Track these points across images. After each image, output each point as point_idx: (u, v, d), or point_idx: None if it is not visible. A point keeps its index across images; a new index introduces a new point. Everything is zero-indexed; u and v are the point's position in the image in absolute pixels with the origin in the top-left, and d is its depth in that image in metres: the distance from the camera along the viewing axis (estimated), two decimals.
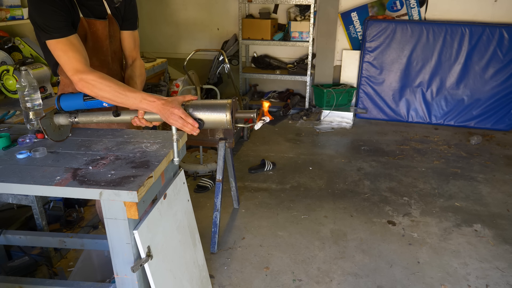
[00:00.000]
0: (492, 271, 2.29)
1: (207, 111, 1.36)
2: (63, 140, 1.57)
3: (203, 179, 3.24)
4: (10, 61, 2.62)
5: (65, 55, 1.47)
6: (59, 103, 1.50)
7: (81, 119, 1.53)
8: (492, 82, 4.45)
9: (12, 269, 2.03)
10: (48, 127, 1.49)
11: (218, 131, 2.51)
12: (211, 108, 1.36)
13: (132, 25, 1.79)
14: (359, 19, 4.81)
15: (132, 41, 1.81)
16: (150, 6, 5.36)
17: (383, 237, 2.59)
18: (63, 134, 1.58)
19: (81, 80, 1.44)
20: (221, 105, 1.36)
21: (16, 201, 2.19)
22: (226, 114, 1.34)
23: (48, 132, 1.49)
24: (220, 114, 1.35)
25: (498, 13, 4.51)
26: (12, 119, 2.36)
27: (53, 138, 1.51)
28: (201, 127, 1.36)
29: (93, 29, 1.64)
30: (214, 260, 2.36)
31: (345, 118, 4.67)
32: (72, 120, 1.52)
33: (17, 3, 3.02)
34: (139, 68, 1.81)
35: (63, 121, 1.53)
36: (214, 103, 1.37)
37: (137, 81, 1.75)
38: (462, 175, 3.43)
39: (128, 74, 1.78)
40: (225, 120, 1.35)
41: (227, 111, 1.34)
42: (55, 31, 1.46)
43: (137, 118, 1.45)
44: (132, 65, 1.82)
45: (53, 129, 1.52)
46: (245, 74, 5.06)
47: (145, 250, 1.30)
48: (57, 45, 1.47)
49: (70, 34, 1.48)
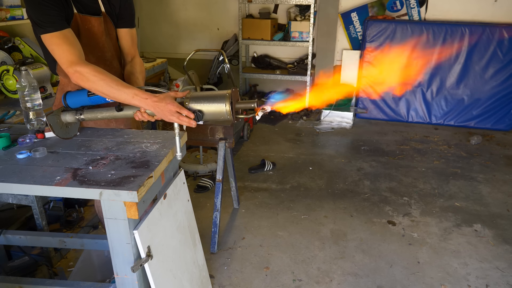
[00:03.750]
0: (492, 271, 2.29)
1: (207, 102, 1.35)
2: (71, 138, 1.58)
3: (203, 179, 3.24)
4: (10, 61, 2.62)
5: (59, 49, 1.47)
6: (65, 101, 1.53)
7: (87, 115, 1.54)
8: (492, 82, 4.44)
9: (12, 269, 2.03)
10: (54, 124, 1.50)
11: (218, 131, 2.51)
12: (211, 99, 1.35)
13: (129, 23, 1.80)
14: (359, 19, 4.81)
15: (130, 39, 1.81)
16: (150, 6, 5.36)
17: (383, 237, 2.59)
18: (71, 132, 1.59)
19: (76, 72, 1.45)
20: (220, 96, 1.34)
21: (16, 201, 2.18)
22: (226, 104, 1.33)
23: (55, 128, 1.50)
24: (220, 104, 1.33)
25: (498, 13, 4.51)
26: (12, 119, 2.36)
27: (59, 135, 1.53)
28: (200, 118, 1.35)
29: (88, 26, 1.64)
30: (214, 260, 2.36)
31: (345, 118, 4.67)
32: (78, 117, 1.54)
33: (17, 3, 3.02)
34: (139, 65, 1.82)
35: (69, 118, 1.54)
36: (214, 94, 1.36)
37: (139, 77, 1.76)
38: (462, 175, 3.43)
39: (129, 71, 1.79)
40: (225, 110, 1.33)
41: (227, 101, 1.33)
42: (48, 25, 1.47)
43: (139, 112, 1.45)
44: (132, 62, 1.82)
45: (59, 126, 1.53)
46: (245, 74, 5.06)
47: (145, 250, 1.30)
48: (51, 39, 1.48)
49: (64, 28, 1.49)
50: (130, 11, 1.80)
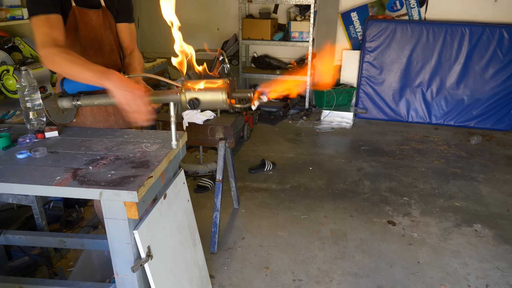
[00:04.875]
0: (492, 271, 2.29)
1: (203, 90, 1.35)
2: (67, 124, 1.57)
3: (203, 179, 3.24)
4: (10, 61, 2.63)
5: (39, 31, 1.47)
6: (63, 86, 1.51)
7: (83, 101, 1.53)
8: (492, 82, 4.45)
9: (12, 269, 2.03)
10: (51, 109, 1.50)
11: (218, 131, 2.51)
12: (207, 87, 1.35)
13: (127, 17, 1.82)
14: (359, 19, 4.81)
15: (129, 34, 1.83)
16: (150, 6, 5.36)
17: (383, 237, 2.59)
18: (67, 118, 1.59)
19: (46, 54, 1.44)
20: (218, 87, 1.34)
21: (16, 201, 2.18)
22: (222, 93, 1.33)
23: (51, 114, 1.50)
24: (216, 93, 1.34)
25: (498, 13, 4.51)
26: (12, 119, 2.36)
27: (56, 120, 1.53)
28: (196, 106, 1.35)
29: (86, 19, 1.66)
30: (214, 260, 2.36)
31: (345, 118, 4.67)
32: (75, 103, 1.53)
33: (17, 3, 3.02)
34: (138, 57, 1.83)
35: (66, 104, 1.53)
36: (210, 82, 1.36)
37: (137, 67, 1.77)
38: (462, 175, 3.43)
39: (127, 62, 1.81)
40: (222, 99, 1.34)
41: (224, 90, 1.33)
42: (37, 8, 1.47)
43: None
44: (130, 55, 1.84)
45: (56, 112, 1.53)
46: (245, 74, 5.06)
47: (145, 250, 1.30)
48: (36, 22, 1.47)
49: (50, 13, 1.48)
50: (129, 6, 1.82)
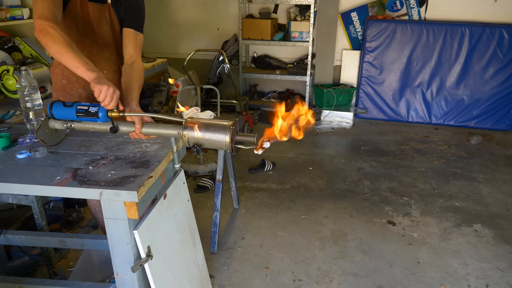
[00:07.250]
0: (492, 271, 2.29)
1: (207, 132, 1.28)
2: (60, 141, 1.55)
3: (203, 179, 3.24)
4: (10, 61, 2.63)
5: (41, 3, 1.47)
6: (51, 111, 1.40)
7: (77, 126, 1.45)
8: (492, 82, 4.45)
9: (12, 269, 2.03)
10: (45, 135, 1.44)
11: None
12: (211, 129, 1.28)
13: (134, 25, 1.75)
14: (359, 19, 4.81)
15: (133, 41, 1.74)
16: (150, 7, 5.35)
17: (383, 237, 2.59)
18: (60, 136, 1.55)
19: (43, 24, 1.42)
20: (222, 127, 1.27)
21: (16, 201, 2.18)
22: (226, 136, 1.26)
23: (46, 140, 1.45)
24: (220, 135, 1.27)
25: (498, 13, 4.51)
26: (12, 119, 2.36)
27: (51, 143, 1.49)
28: (199, 152, 1.31)
29: (86, 10, 1.68)
30: (214, 260, 2.36)
31: (345, 118, 4.67)
32: (68, 126, 1.44)
33: (17, 3, 3.02)
34: (138, 71, 1.69)
35: (58, 126, 1.46)
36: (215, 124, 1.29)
37: (134, 86, 1.61)
38: (462, 175, 3.43)
39: (126, 79, 1.65)
40: (225, 142, 1.27)
41: (227, 134, 1.26)
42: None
43: (134, 132, 1.38)
44: (131, 66, 1.71)
45: (50, 135, 1.47)
46: (245, 74, 5.06)
47: (145, 250, 1.30)
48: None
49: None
50: (138, 14, 1.77)
